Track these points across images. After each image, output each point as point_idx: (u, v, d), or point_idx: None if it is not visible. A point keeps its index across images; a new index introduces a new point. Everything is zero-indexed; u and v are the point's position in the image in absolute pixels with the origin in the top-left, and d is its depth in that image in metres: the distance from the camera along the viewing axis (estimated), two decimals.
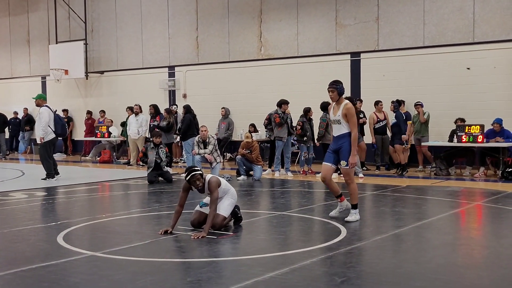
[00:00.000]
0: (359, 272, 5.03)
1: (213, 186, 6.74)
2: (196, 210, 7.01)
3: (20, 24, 23.27)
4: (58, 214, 8.77)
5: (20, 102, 22.61)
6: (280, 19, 16.96)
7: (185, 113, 14.66)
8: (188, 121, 14.36)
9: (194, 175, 6.72)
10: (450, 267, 5.31)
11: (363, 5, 15.58)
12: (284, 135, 13.50)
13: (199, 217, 6.87)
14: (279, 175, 13.42)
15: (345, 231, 6.72)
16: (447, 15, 14.45)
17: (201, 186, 6.78)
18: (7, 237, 6.70)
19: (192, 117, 14.62)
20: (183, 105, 15.22)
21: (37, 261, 5.42)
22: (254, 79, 17.45)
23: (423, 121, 13.84)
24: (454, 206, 9.11)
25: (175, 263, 5.51)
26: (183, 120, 14.61)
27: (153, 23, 19.58)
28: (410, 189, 10.78)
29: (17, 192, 10.88)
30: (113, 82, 20.84)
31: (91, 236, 6.99)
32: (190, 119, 14.44)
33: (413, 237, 6.60)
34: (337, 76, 15.74)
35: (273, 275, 4.85)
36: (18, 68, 23.54)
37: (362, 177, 12.90)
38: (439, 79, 14.55)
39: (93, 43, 21.14)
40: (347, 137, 7.32)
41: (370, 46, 15.53)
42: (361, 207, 8.76)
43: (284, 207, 8.97)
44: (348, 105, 7.30)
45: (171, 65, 19.26)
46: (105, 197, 10.95)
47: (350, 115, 7.24)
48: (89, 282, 4.80)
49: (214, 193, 6.71)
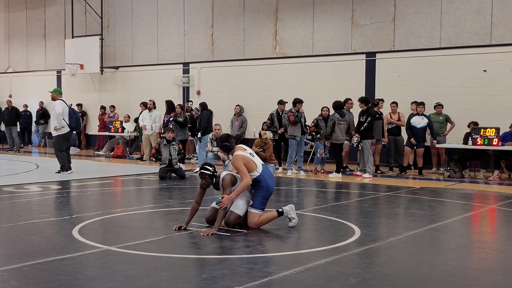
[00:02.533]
0: (374, 273, 5.02)
1: (226, 184, 6.75)
2: (211, 207, 7.00)
3: (37, 18, 23.43)
4: (72, 208, 8.82)
5: (35, 96, 22.82)
6: (295, 17, 16.94)
7: (202, 110, 14.72)
8: (206, 118, 14.42)
9: (202, 173, 6.75)
10: (465, 270, 5.29)
11: (379, 5, 15.52)
12: (298, 133, 13.49)
13: (214, 214, 6.86)
14: (292, 173, 13.42)
15: (359, 231, 6.70)
16: (464, 17, 14.35)
17: (207, 185, 6.78)
18: (23, 229, 6.75)
19: (209, 114, 14.70)
20: (200, 103, 15.26)
21: (53, 254, 5.46)
22: (268, 77, 17.44)
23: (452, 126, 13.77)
24: (468, 209, 9.06)
25: (189, 259, 5.52)
26: (201, 116, 14.63)
27: (169, 19, 19.63)
28: (423, 191, 10.72)
29: (32, 185, 10.96)
30: (127, 78, 20.93)
31: (105, 230, 7.03)
32: (208, 116, 14.50)
33: (427, 239, 6.57)
34: (352, 76, 15.91)
35: (287, 274, 4.85)
36: (33, 62, 23.70)
37: (370, 177, 12.88)
38: (455, 81, 14.47)
39: (109, 38, 21.23)
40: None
41: (386, 46, 15.47)
42: (374, 208, 8.78)
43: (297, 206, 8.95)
44: (232, 159, 6.98)
45: (186, 62, 19.30)
46: (118, 192, 11.00)
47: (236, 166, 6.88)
48: (104, 276, 4.83)
49: (225, 191, 6.72)
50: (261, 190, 6.93)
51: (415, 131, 13.58)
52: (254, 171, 6.91)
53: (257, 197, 6.93)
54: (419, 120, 13.58)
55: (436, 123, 13.88)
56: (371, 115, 13.24)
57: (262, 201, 6.93)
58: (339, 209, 8.67)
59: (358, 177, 12.97)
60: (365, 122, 13.11)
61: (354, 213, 8.14)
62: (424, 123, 13.55)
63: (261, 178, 6.92)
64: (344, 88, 15.50)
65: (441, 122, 13.97)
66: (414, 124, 13.60)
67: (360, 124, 13.23)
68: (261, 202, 6.93)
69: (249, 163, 6.92)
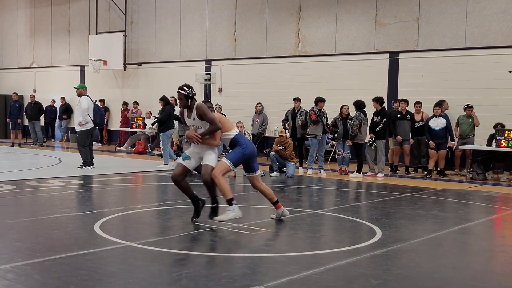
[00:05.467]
0: (395, 275, 4.97)
1: (203, 109, 6.62)
2: (178, 163, 6.89)
3: (62, 14, 23.67)
4: (94, 203, 8.90)
5: (58, 91, 23.07)
6: (318, 16, 16.86)
7: (165, 104, 14.34)
8: (168, 113, 14.05)
9: (179, 93, 6.71)
10: (488, 274, 5.21)
11: (404, 4, 15.38)
12: (319, 132, 13.43)
13: (181, 171, 6.78)
14: (312, 172, 13.37)
15: (380, 232, 6.65)
16: (490, 17, 14.15)
17: (183, 106, 6.74)
18: (46, 223, 6.83)
19: (172, 109, 14.36)
20: (161, 97, 14.53)
21: (75, 249, 5.51)
22: (290, 75, 17.40)
23: (477, 125, 13.54)
24: (491, 211, 8.95)
25: (210, 257, 5.53)
26: (162, 111, 14.24)
27: (192, 16, 19.68)
28: (446, 193, 10.61)
29: (55, 179, 11.08)
30: (150, 74, 21.04)
31: (126, 226, 7.07)
32: (170, 111, 14.16)
33: (450, 242, 6.49)
34: (375, 76, 15.80)
35: (308, 274, 4.83)
36: (58, 57, 23.95)
37: (382, 176, 12.82)
38: (479, 81, 14.27)
39: (132, 34, 21.36)
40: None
41: (410, 46, 15.32)
42: (396, 209, 8.69)
43: (317, 206, 8.94)
44: (198, 105, 6.74)
45: (208, 59, 19.34)
46: (139, 188, 11.07)
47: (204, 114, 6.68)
48: (125, 272, 4.85)
49: (208, 115, 6.59)
50: (239, 146, 6.84)
51: (434, 133, 13.29)
52: (231, 130, 6.86)
53: (234, 152, 6.84)
54: (437, 122, 13.26)
55: (464, 125, 13.65)
56: (386, 116, 13.15)
57: (236, 156, 6.80)
58: (359, 210, 8.62)
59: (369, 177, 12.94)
60: (380, 123, 13.05)
61: (375, 214, 8.07)
62: (442, 124, 13.16)
63: (239, 138, 6.87)
64: (367, 87, 15.38)
65: (469, 124, 13.69)
66: (432, 126, 13.31)
67: (374, 124, 13.15)
68: (235, 157, 6.79)
69: (226, 123, 6.86)
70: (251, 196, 9.46)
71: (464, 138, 13.60)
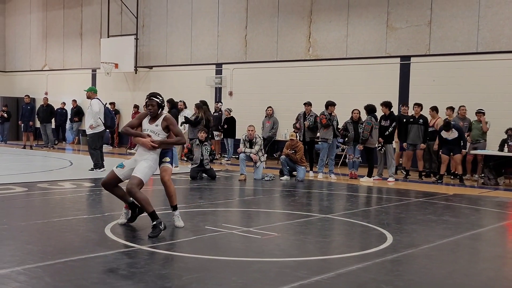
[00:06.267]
0: (406, 281, 4.94)
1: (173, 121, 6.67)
2: (111, 171, 6.79)
3: (74, 17, 23.82)
4: (104, 206, 8.92)
5: (70, 94, 23.20)
6: (330, 20, 16.84)
7: (171, 107, 14.24)
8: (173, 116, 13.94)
9: (151, 99, 6.65)
10: (501, 281, 5.17)
11: (415, 8, 15.33)
12: (330, 136, 13.40)
13: (111, 178, 6.69)
14: (322, 176, 13.34)
15: (391, 237, 6.61)
16: (502, 21, 14.08)
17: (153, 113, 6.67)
18: (56, 226, 6.86)
19: (177, 113, 14.28)
20: (167, 99, 14.16)
21: (86, 252, 5.52)
22: (301, 79, 17.39)
23: (486, 130, 13.45)
24: (503, 217, 8.88)
25: (219, 261, 5.52)
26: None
27: (203, 20, 19.73)
28: (457, 198, 10.54)
29: (66, 181, 11.13)
30: (161, 77, 21.11)
31: (137, 229, 7.07)
32: (175, 114, 14.12)
33: (461, 248, 6.45)
34: (386, 80, 15.74)
35: (318, 279, 4.81)
36: (69, 60, 24.09)
37: (392, 181, 12.77)
38: (491, 86, 14.19)
39: (144, 38, 21.45)
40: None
41: (421, 50, 15.27)
42: (407, 213, 8.64)
43: (328, 210, 8.90)
44: (168, 116, 6.80)
45: (219, 63, 19.37)
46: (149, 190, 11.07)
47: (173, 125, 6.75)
48: (136, 275, 4.85)
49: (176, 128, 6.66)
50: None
51: (448, 142, 13.15)
52: None
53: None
54: (449, 133, 13.15)
55: (475, 130, 13.57)
56: (395, 120, 13.11)
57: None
58: (370, 214, 8.58)
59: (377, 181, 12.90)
60: (389, 127, 13.02)
61: (386, 219, 8.03)
62: (454, 135, 12.90)
63: None
64: (378, 91, 15.34)
65: (480, 129, 13.58)
66: (445, 137, 13.17)
67: (383, 128, 13.10)
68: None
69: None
70: (261, 200, 9.44)
71: (475, 142, 13.52)
